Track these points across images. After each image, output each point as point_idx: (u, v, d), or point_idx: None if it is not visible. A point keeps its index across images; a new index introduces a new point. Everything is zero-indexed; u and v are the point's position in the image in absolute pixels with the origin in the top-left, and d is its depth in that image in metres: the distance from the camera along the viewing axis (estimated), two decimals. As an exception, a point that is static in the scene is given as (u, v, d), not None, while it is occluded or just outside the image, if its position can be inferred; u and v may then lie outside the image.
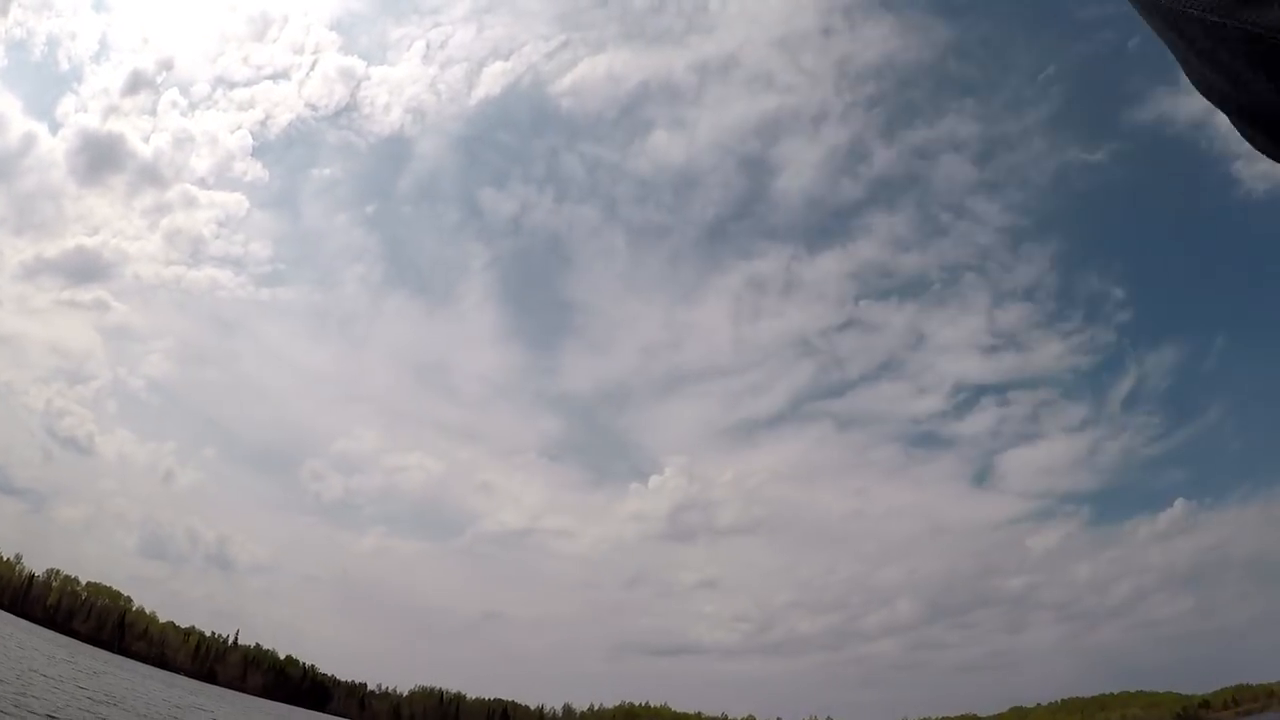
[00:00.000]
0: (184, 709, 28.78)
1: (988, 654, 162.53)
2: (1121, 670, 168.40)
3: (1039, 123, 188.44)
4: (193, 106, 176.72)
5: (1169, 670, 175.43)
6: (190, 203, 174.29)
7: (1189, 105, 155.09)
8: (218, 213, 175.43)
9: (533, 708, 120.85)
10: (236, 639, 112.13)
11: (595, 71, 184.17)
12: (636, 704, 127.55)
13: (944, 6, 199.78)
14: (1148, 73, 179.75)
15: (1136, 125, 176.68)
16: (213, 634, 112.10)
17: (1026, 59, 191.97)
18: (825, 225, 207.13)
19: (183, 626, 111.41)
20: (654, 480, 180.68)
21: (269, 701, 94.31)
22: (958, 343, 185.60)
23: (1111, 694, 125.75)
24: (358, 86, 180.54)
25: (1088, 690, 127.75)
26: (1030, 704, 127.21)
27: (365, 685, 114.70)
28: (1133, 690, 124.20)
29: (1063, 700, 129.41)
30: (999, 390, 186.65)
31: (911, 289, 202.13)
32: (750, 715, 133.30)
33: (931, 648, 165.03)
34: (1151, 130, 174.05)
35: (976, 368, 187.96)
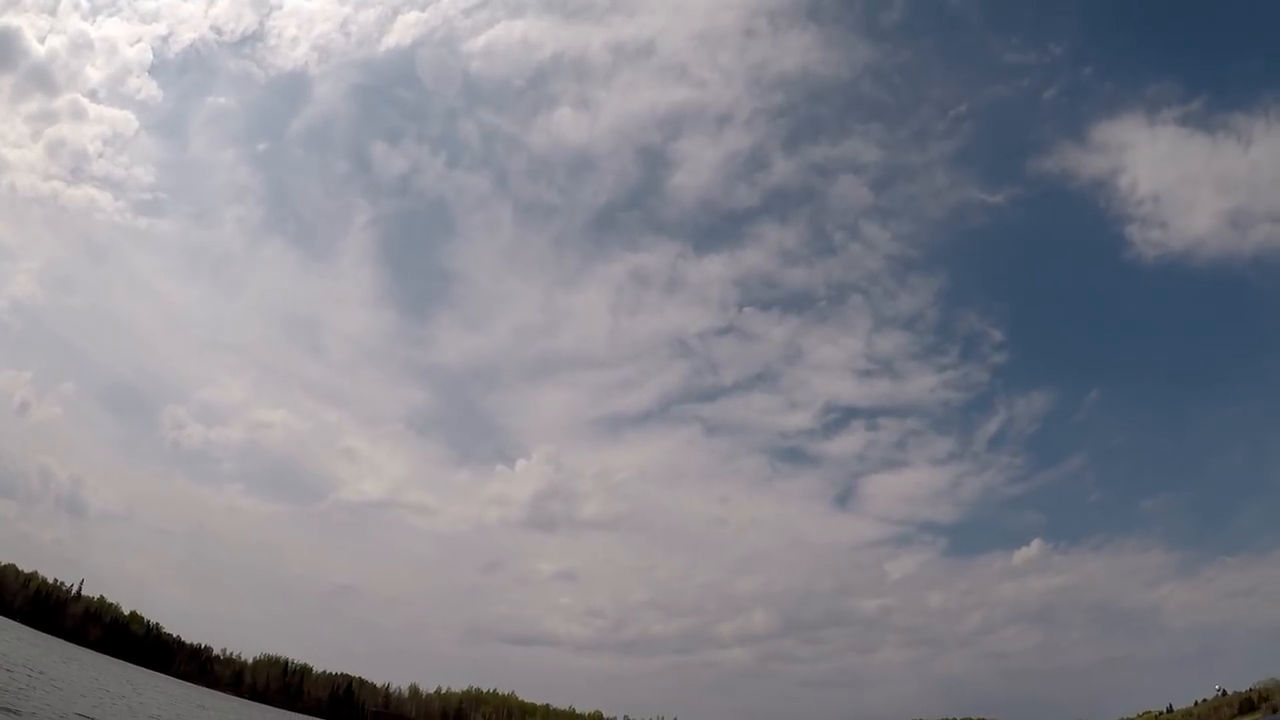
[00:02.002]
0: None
1: (837, 671, 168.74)
2: (966, 698, 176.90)
3: (943, 157, 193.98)
4: (95, 10, 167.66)
5: (1012, 702, 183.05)
6: (78, 114, 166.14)
7: (1093, 162, 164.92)
8: (105, 129, 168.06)
9: (379, 685, 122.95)
10: (80, 589, 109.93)
11: (510, 36, 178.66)
12: (485, 690, 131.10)
13: (870, 27, 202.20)
14: (1058, 125, 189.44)
15: (1039, 174, 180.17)
16: (56, 581, 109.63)
17: (941, 92, 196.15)
18: (716, 228, 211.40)
19: (25, 570, 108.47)
20: (520, 464, 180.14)
21: (106, 657, 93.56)
22: (834, 362, 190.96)
23: (954, 719, 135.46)
24: (268, 14, 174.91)
25: (931, 714, 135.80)
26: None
27: (210, 649, 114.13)
28: (975, 717, 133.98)
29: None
30: (869, 415, 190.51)
31: (795, 303, 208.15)
32: (597, 711, 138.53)
33: (782, 660, 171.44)
34: (1054, 181, 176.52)
35: (850, 390, 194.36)
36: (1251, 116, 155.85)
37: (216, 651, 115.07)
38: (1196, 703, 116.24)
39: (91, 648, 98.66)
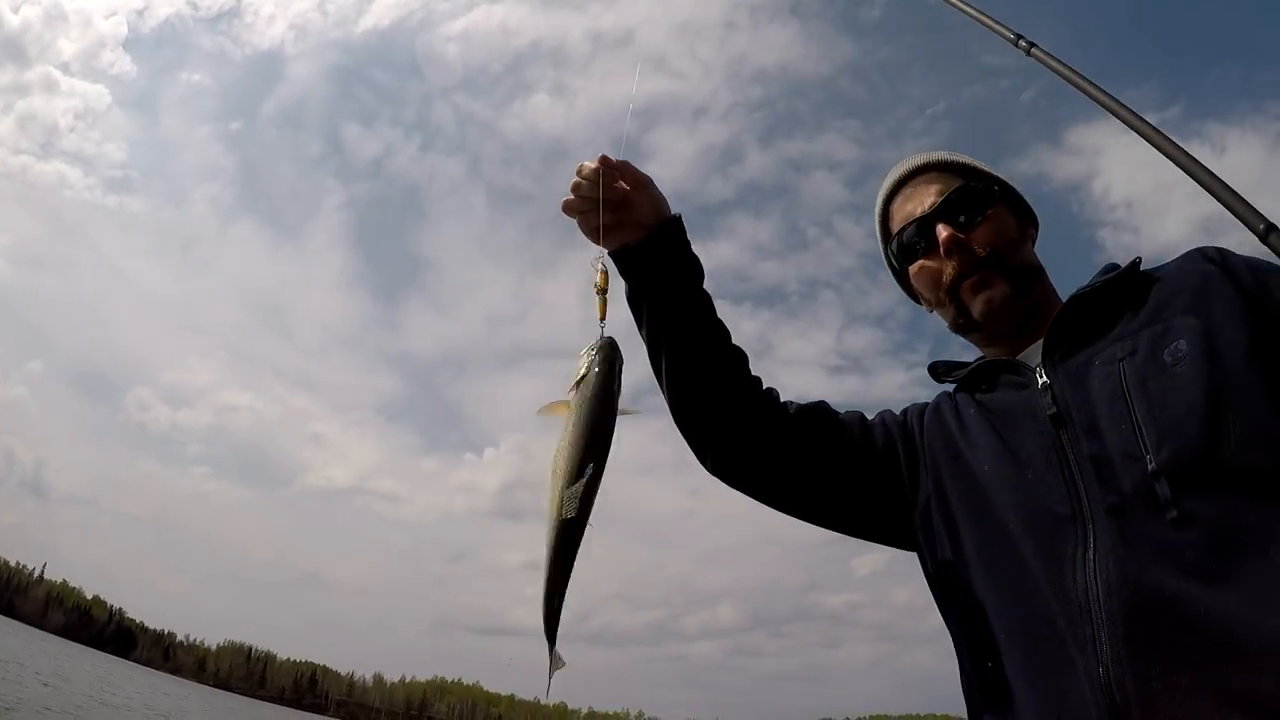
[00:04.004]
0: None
1: (803, 665, 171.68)
2: (933, 694, 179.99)
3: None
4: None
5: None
6: (51, 87, 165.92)
7: (1068, 167, 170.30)
8: (77, 103, 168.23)
9: (343, 674, 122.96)
10: (43, 573, 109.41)
11: (490, 21, 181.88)
12: (449, 680, 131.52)
13: (851, 24, 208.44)
14: (1034, 128, 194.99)
15: (1013, 176, 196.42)
16: (17, 564, 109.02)
17: (920, 92, 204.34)
18: (689, 219, 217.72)
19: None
20: (489, 453, 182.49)
21: (66, 641, 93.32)
22: (804, 358, 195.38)
23: (919, 715, 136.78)
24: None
25: (896, 708, 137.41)
26: (839, 717, 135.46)
27: (174, 635, 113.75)
28: (941, 714, 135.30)
29: (871, 716, 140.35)
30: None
31: (767, 297, 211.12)
32: (562, 703, 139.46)
33: (749, 654, 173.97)
34: (1027, 183, 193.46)
35: (820, 385, 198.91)
36: (1226, 125, 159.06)
37: (180, 637, 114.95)
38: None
39: (52, 632, 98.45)
